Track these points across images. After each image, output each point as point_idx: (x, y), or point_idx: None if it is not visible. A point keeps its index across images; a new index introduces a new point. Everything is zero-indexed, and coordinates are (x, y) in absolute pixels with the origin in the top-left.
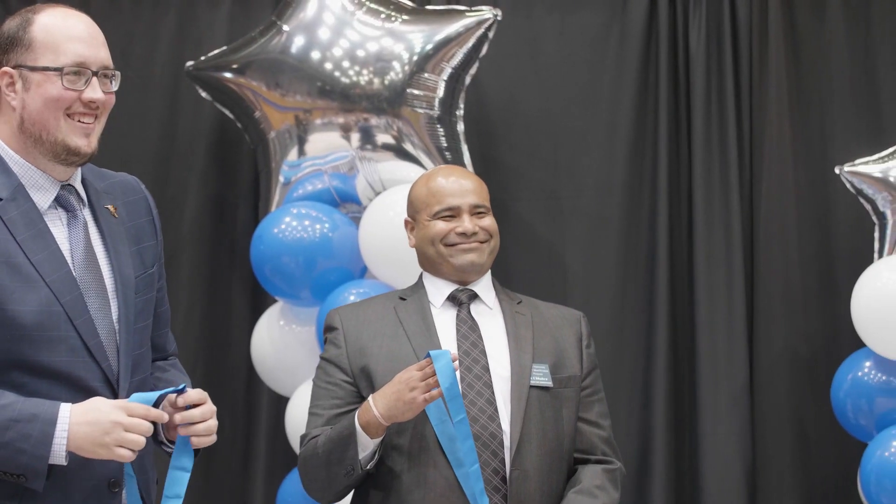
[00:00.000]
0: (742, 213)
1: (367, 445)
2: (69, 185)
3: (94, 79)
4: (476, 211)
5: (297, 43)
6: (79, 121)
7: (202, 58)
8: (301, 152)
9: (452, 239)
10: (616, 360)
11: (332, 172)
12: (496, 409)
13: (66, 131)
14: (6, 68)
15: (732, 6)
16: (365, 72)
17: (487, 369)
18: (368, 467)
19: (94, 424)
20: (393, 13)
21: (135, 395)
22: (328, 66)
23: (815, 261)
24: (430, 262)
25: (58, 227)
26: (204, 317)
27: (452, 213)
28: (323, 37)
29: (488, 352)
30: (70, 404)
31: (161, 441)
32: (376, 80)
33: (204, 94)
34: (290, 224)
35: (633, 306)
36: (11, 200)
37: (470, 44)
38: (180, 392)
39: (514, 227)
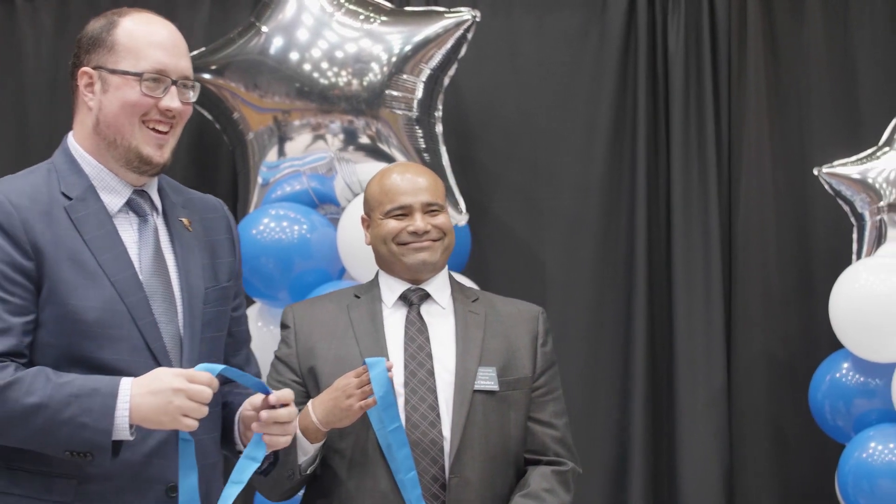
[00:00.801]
0: (720, 215)
1: (307, 450)
2: (142, 190)
3: (173, 87)
4: (429, 209)
5: (276, 44)
6: (153, 129)
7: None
8: (279, 153)
9: (404, 238)
10: (594, 362)
11: (311, 174)
12: (438, 415)
13: (139, 138)
14: (86, 68)
15: (711, 8)
16: (343, 73)
17: (432, 373)
18: (309, 471)
19: (158, 393)
20: (371, 14)
21: (199, 365)
22: (307, 67)
23: (793, 262)
24: (383, 261)
25: (127, 230)
26: None
27: (404, 212)
28: (301, 38)
29: (435, 355)
30: (132, 378)
31: (240, 450)
32: (355, 82)
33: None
34: (268, 225)
35: (610, 308)
36: (81, 200)
37: (448, 45)
38: (264, 392)
39: (491, 228)
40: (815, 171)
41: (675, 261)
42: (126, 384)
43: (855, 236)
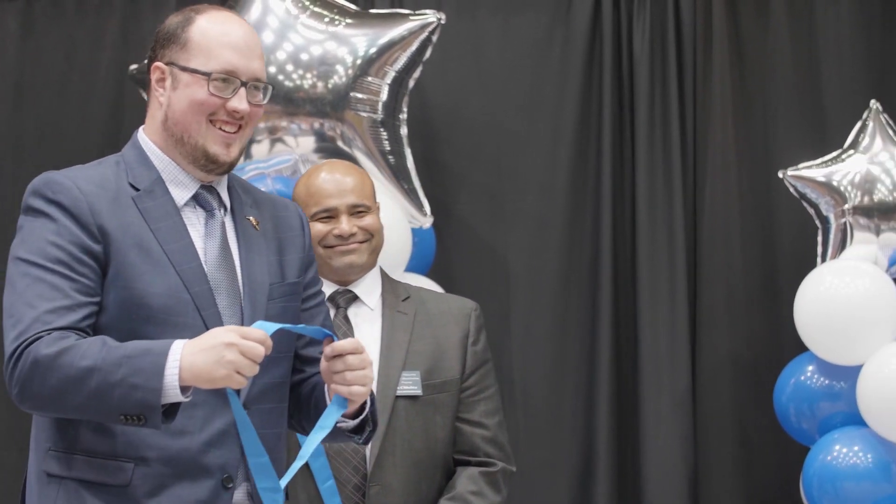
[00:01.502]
0: (685, 217)
1: None
2: (211, 186)
3: (242, 89)
4: (355, 211)
5: None
6: (220, 128)
7: (146, 61)
8: (244, 156)
9: (331, 241)
10: (558, 364)
11: (276, 176)
12: None
13: (207, 137)
14: (159, 63)
15: (677, 10)
16: (308, 75)
17: None
18: None
19: (210, 350)
20: (337, 17)
21: (255, 323)
22: (272, 69)
23: (758, 265)
24: None
25: (194, 224)
26: None
27: (330, 214)
28: (266, 40)
29: None
30: (185, 339)
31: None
32: (320, 84)
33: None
34: None
35: (575, 310)
36: (149, 192)
37: (414, 47)
38: (329, 339)
39: (456, 230)
40: (780, 174)
41: (640, 263)
42: (178, 344)
43: (820, 239)
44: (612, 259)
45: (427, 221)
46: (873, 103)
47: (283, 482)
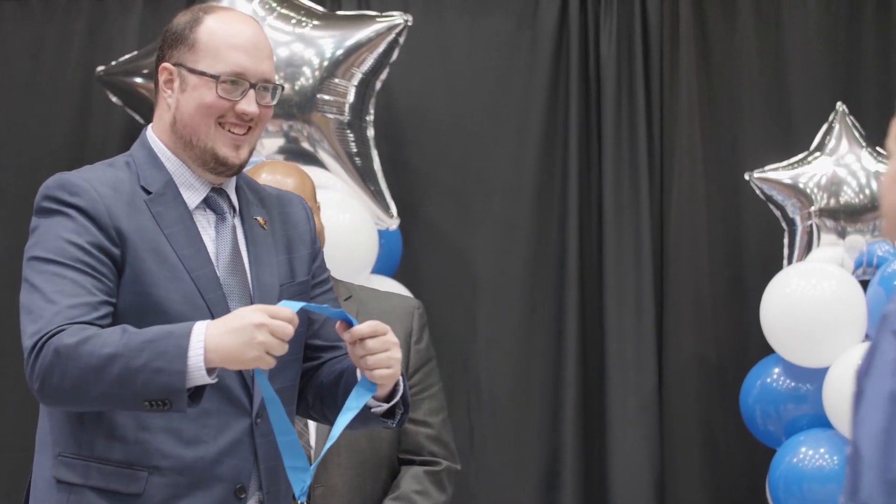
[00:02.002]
0: (652, 219)
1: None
2: (220, 188)
3: (251, 91)
4: None
5: None
6: (229, 130)
7: (113, 63)
8: None
9: None
10: (525, 366)
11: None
12: (306, 425)
13: (215, 139)
14: (167, 64)
15: (643, 13)
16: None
17: None
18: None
19: (240, 330)
20: (304, 19)
21: (281, 301)
22: None
23: (724, 267)
24: None
25: (204, 227)
26: None
27: None
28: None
29: None
30: (208, 320)
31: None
32: (287, 86)
33: (115, 100)
34: None
35: (542, 311)
36: (161, 195)
37: (380, 49)
38: (348, 321)
39: (422, 231)
40: (747, 176)
41: (606, 264)
42: (200, 325)
43: (786, 241)
44: (579, 260)
45: (393, 223)
46: (839, 105)
47: (313, 466)
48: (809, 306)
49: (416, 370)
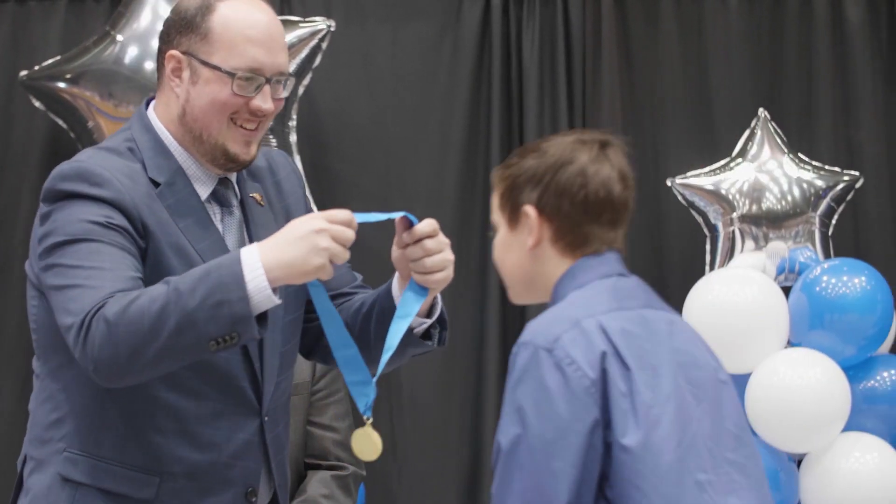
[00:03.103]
0: None
1: None
2: (225, 178)
3: (267, 86)
4: None
5: (131, 53)
6: (241, 126)
7: (36, 67)
8: None
9: None
10: (447, 369)
11: None
12: None
13: (227, 136)
14: (175, 52)
15: (566, 17)
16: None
17: None
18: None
19: (300, 240)
20: None
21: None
22: None
23: (646, 272)
24: None
25: (212, 219)
26: None
27: None
28: (154, 48)
29: None
30: (250, 245)
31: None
32: None
33: (38, 104)
34: None
35: (464, 315)
36: (170, 185)
37: (303, 55)
38: (407, 223)
39: None
40: (669, 182)
41: None
42: (248, 249)
43: (708, 247)
44: None
45: None
46: (761, 112)
47: (375, 378)
48: (731, 312)
49: (322, 374)
